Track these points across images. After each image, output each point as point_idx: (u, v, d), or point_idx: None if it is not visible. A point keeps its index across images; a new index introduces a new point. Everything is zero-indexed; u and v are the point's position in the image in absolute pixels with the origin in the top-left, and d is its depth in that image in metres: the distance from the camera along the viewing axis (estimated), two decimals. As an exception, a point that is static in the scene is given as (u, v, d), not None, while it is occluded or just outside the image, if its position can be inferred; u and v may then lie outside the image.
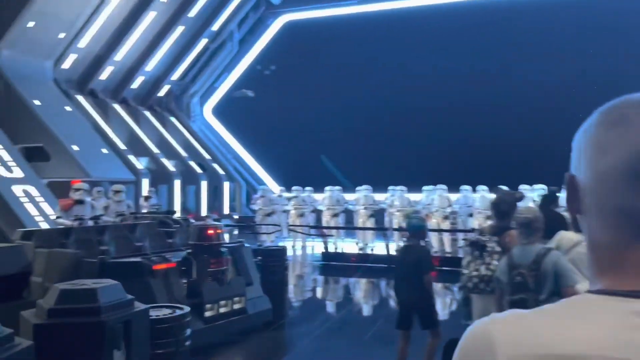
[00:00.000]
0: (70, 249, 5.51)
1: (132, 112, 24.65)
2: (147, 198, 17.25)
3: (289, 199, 16.52)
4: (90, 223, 8.35)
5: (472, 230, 14.44)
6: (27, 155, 16.58)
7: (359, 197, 15.20)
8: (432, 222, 14.12)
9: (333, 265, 12.36)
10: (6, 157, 13.57)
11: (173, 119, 27.00)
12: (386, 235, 12.47)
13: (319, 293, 10.48)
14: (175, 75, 26.77)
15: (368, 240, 14.84)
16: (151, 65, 24.78)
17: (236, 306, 5.73)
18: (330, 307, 8.95)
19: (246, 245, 6.64)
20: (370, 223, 14.56)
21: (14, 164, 13.57)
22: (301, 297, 9.72)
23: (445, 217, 13.96)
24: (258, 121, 27.33)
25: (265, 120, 27.16)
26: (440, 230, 13.84)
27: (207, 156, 26.46)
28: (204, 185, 24.28)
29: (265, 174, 28.07)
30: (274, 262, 6.82)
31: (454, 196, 14.66)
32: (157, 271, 5.03)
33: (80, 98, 21.62)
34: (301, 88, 26.72)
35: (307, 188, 17.61)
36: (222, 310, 5.58)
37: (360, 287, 10.42)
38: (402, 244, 14.93)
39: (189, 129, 27.27)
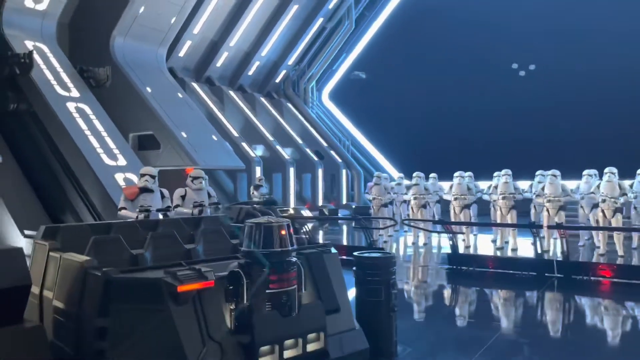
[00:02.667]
0: (84, 255, 4.05)
1: (248, 99, 24.00)
2: (257, 187, 16.17)
3: (408, 187, 14.27)
4: (157, 216, 7.05)
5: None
6: (138, 144, 16.34)
7: (497, 185, 12.51)
8: (599, 216, 11.03)
9: (464, 272, 9.91)
10: (111, 144, 13.15)
11: (289, 105, 25.98)
12: (534, 232, 9.73)
13: (442, 318, 7.08)
14: (292, 60, 25.67)
15: (508, 237, 12.14)
16: (267, 49, 23.88)
17: (311, 347, 3.77)
18: (464, 343, 5.76)
19: (333, 250, 4.67)
20: (510, 216, 11.85)
21: (117, 151, 13.11)
22: (417, 325, 6.64)
23: (617, 210, 10.78)
24: (377, 105, 25.26)
25: (385, 104, 25.01)
26: (611, 229, 10.74)
27: (324, 143, 25.05)
28: (320, 173, 22.86)
29: (385, 160, 25.94)
30: (375, 276, 4.84)
31: (627, 183, 11.37)
32: (184, 294, 3.35)
33: (196, 86, 21.30)
34: (423, 68, 24.13)
35: (432, 175, 15.24)
36: (287, 354, 3.65)
37: (505, 306, 7.83)
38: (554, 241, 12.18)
39: (306, 115, 26.07)
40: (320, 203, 22.82)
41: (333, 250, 4.70)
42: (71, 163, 12.19)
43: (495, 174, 13.57)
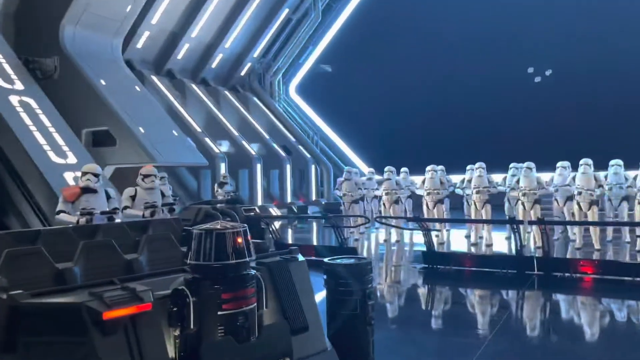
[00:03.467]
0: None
1: (212, 92, 23.04)
2: (222, 184, 15.35)
3: (380, 182, 13.70)
4: (101, 219, 6.21)
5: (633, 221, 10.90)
6: (92, 140, 15.27)
7: (470, 178, 12.05)
8: (575, 209, 10.69)
9: (440, 272, 9.36)
10: (60, 141, 12.11)
11: (255, 99, 25.11)
12: (514, 228, 9.26)
13: (421, 326, 6.39)
14: (257, 52, 24.80)
15: (482, 232, 11.70)
16: (230, 41, 22.94)
17: (275, 377, 3.16)
18: (448, 356, 5.26)
19: (300, 258, 3.97)
20: (485, 211, 11.40)
21: (66, 148, 12.08)
22: (394, 336, 5.91)
23: (593, 202, 10.43)
24: (345, 98, 24.64)
25: (353, 97, 24.41)
26: (593, 224, 10.36)
27: (292, 138, 24.32)
28: (288, 169, 22.14)
29: (355, 155, 25.39)
30: (349, 286, 4.18)
31: (603, 174, 11.04)
32: (112, 322, 2.61)
33: (155, 79, 20.24)
34: (390, 60, 23.63)
35: (403, 169, 14.72)
36: (245, 388, 3.04)
37: (488, 310, 7.22)
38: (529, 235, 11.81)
39: (273, 109, 25.27)
40: (289, 200, 22.12)
41: (300, 257, 4.00)
42: (14, 161, 11.13)
43: (469, 167, 13.14)
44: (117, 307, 2.75)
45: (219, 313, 3.06)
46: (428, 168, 12.56)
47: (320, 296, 4.58)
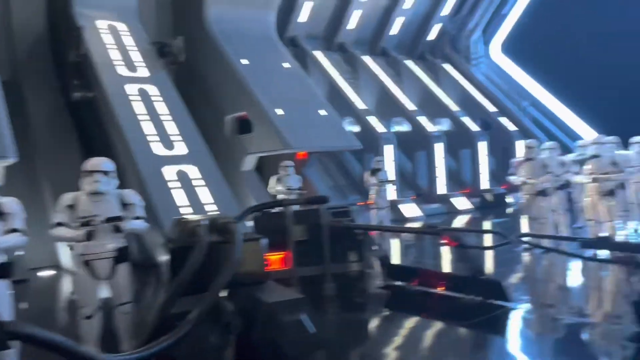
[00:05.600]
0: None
1: (392, 64, 19.92)
2: (375, 171, 12.35)
3: (581, 161, 8.79)
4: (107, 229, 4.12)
5: None
6: (239, 127, 13.69)
7: None
8: None
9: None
10: (171, 130, 10.66)
11: (447, 67, 21.04)
12: None
13: None
14: (446, 10, 20.69)
15: None
16: (410, 1, 19.43)
17: None
18: None
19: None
20: None
21: (179, 138, 10.57)
22: None
23: None
24: (567, 53, 18.76)
25: (577, 51, 18.40)
26: None
27: (493, 108, 19.62)
28: (482, 147, 17.72)
29: (583, 123, 19.30)
30: None
31: None
32: None
33: (320, 54, 18.06)
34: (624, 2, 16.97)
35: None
36: None
37: None
38: None
39: (469, 76, 20.84)
40: (486, 186, 17.73)
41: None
42: (117, 155, 10.02)
43: None
44: None
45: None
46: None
47: None
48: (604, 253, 7.09)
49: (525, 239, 8.04)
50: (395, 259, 9.54)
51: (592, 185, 8.04)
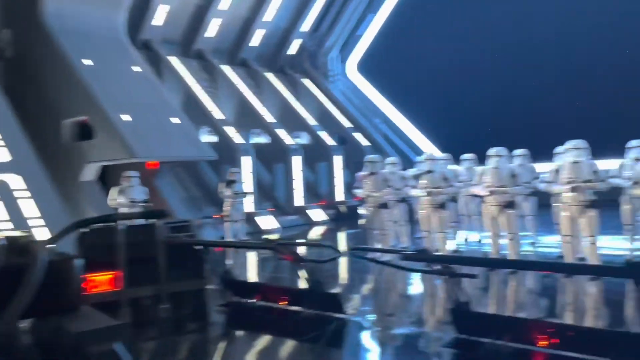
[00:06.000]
0: None
1: (251, 75, 19.84)
2: (230, 183, 12.06)
3: (417, 176, 9.36)
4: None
5: None
6: (79, 133, 12.50)
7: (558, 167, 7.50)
8: None
9: None
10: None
11: (306, 82, 21.51)
12: None
13: None
14: (306, 26, 21.20)
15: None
16: (270, 14, 19.56)
17: None
18: None
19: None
20: (588, 219, 6.85)
21: (0, 142, 9.33)
22: None
23: None
24: (415, 73, 20.24)
25: (426, 73, 19.95)
26: None
27: (349, 124, 20.45)
28: (337, 161, 18.32)
29: (427, 140, 20.90)
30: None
31: None
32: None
33: (176, 61, 17.37)
34: (472, 27, 18.89)
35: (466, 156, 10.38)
36: None
37: None
38: None
39: (326, 91, 21.51)
40: (340, 198, 18.31)
41: None
42: None
43: (559, 149, 8.48)
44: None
45: None
46: (491, 152, 8.16)
47: None
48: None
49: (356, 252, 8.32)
50: (246, 274, 9.31)
51: (426, 198, 8.60)
